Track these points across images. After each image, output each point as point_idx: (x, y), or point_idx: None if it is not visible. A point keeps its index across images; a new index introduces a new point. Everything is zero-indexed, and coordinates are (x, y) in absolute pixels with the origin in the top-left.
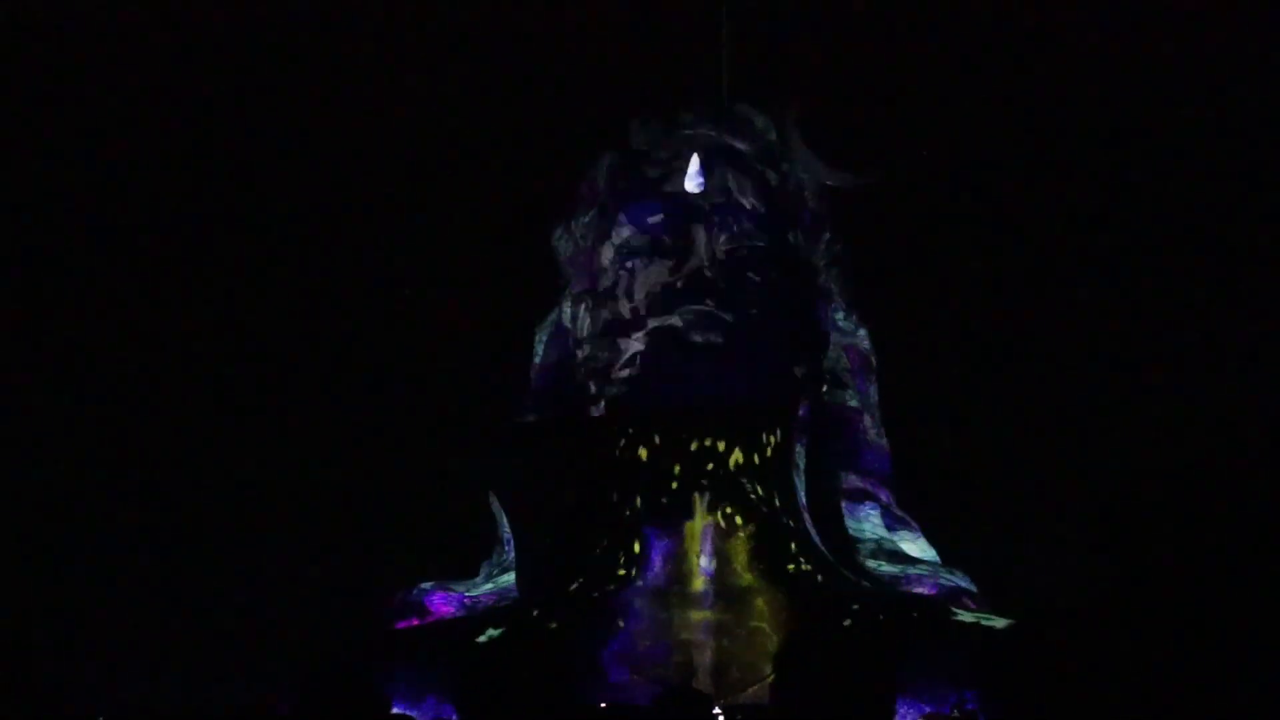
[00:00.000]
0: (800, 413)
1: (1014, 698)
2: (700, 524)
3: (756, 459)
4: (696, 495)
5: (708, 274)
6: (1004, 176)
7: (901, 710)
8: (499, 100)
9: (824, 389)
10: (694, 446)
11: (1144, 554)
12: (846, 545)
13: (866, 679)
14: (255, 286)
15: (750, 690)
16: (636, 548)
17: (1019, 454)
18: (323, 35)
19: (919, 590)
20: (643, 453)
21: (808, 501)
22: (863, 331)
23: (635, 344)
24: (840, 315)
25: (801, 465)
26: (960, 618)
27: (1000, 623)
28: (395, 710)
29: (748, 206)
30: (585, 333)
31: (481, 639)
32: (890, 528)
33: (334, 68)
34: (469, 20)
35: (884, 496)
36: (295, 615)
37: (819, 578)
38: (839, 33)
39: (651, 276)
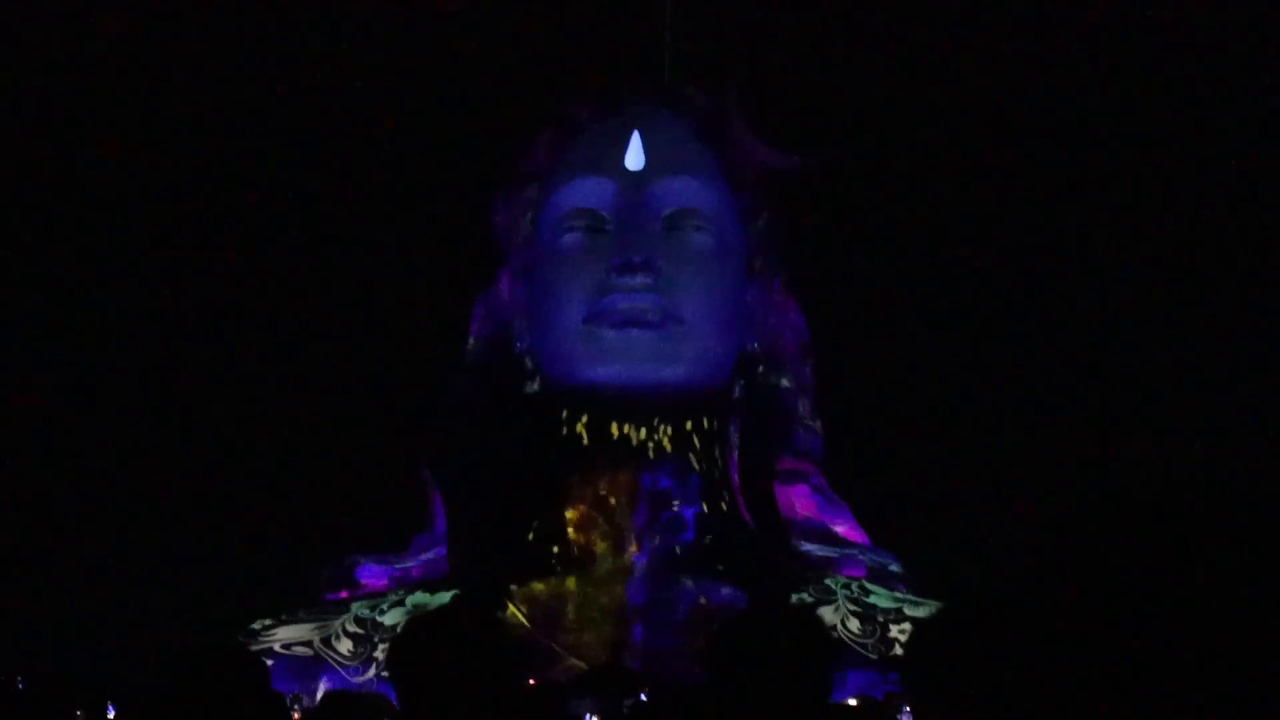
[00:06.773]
0: (735, 393)
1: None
2: (633, 502)
3: (691, 439)
4: (629, 474)
5: (645, 252)
6: (944, 163)
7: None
8: (437, 73)
9: (760, 370)
10: (627, 425)
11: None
12: (778, 527)
13: (798, 661)
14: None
15: (680, 670)
16: (568, 525)
17: (952, 438)
18: (262, 9)
19: (849, 572)
20: (576, 430)
21: (740, 482)
22: (799, 313)
23: (571, 321)
24: (778, 296)
25: (735, 445)
26: (887, 601)
27: (926, 606)
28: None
29: (687, 185)
30: (521, 308)
31: (411, 612)
32: (822, 510)
33: (268, 41)
34: None
35: (816, 479)
36: (220, 588)
37: (750, 559)
38: (784, 11)
39: (589, 253)
